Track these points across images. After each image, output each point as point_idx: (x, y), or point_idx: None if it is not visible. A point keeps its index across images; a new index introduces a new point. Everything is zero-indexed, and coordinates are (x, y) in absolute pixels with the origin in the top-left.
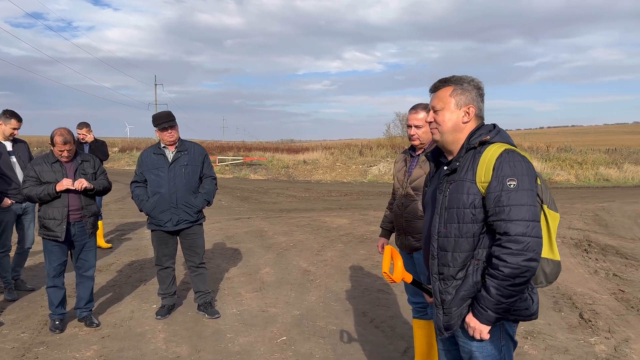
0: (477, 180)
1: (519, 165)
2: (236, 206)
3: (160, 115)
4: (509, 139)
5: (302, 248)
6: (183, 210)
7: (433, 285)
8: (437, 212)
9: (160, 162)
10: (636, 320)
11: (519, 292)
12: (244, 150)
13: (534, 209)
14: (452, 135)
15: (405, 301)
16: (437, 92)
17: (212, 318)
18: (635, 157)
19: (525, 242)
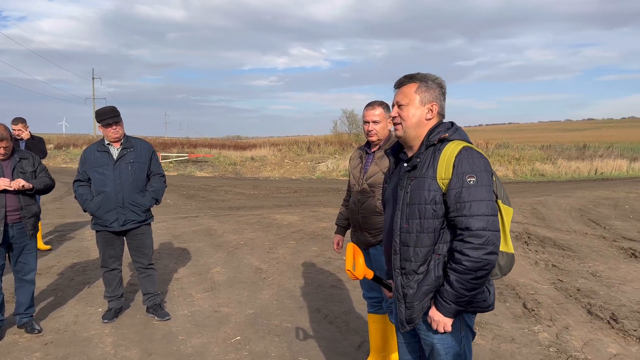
0: (438, 176)
1: (477, 162)
2: (182, 204)
3: (104, 110)
4: (466, 136)
5: (253, 246)
6: (130, 210)
7: (395, 280)
8: (398, 208)
9: (105, 159)
10: (574, 309)
11: (480, 284)
12: (188, 147)
13: (492, 203)
14: (415, 131)
15: (358, 296)
16: (401, 87)
17: (162, 320)
18: (568, 153)
19: (485, 236)
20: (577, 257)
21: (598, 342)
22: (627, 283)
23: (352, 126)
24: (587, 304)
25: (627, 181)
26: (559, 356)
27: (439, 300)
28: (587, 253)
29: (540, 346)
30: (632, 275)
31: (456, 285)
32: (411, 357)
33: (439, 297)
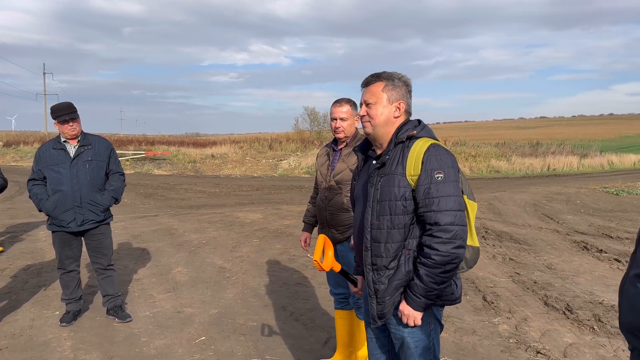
0: (407, 173)
1: (445, 159)
2: (140, 203)
3: (61, 106)
4: (433, 134)
5: (216, 245)
6: (88, 209)
7: (366, 276)
8: (369, 205)
9: (61, 157)
10: (532, 300)
11: (449, 278)
12: (145, 144)
13: (460, 199)
14: (384, 129)
15: (324, 293)
16: (369, 86)
17: (123, 322)
18: (521, 150)
19: (453, 230)
20: (533, 250)
21: (555, 332)
22: (580, 275)
23: (314, 123)
24: (544, 296)
25: (578, 177)
26: (519, 347)
27: (409, 294)
28: (542, 246)
29: (501, 337)
30: (585, 267)
31: (426, 279)
32: (381, 351)
33: (409, 291)
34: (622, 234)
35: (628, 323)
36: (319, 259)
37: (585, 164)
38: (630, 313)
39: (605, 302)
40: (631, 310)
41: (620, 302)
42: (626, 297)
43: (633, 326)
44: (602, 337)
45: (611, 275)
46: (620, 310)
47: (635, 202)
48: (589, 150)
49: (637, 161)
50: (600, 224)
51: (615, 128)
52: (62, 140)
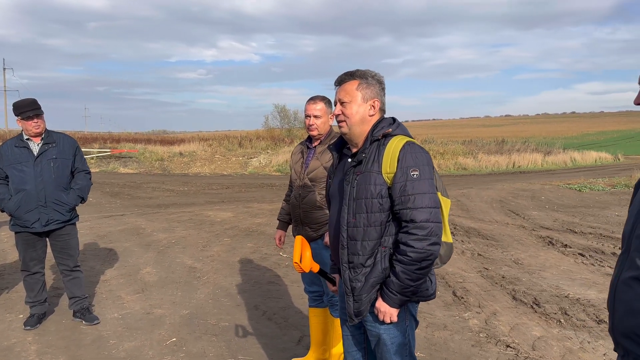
0: (383, 171)
1: (420, 156)
2: (106, 203)
3: (24, 102)
4: (408, 131)
5: (186, 244)
6: (53, 209)
7: (343, 274)
8: (345, 203)
9: (24, 156)
10: (500, 295)
11: (424, 274)
12: (111, 142)
13: (435, 196)
14: (360, 128)
15: (297, 291)
16: (343, 85)
17: (91, 324)
18: (487, 147)
19: (429, 227)
20: (500, 246)
21: (523, 326)
22: (546, 269)
23: (284, 121)
24: (512, 290)
25: (543, 173)
26: (489, 341)
27: (385, 291)
28: (509, 242)
29: (471, 332)
30: (550, 262)
31: (402, 276)
32: (356, 349)
33: (385, 288)
34: (586, 229)
35: (624, 328)
36: (298, 260)
37: (549, 161)
38: (627, 317)
39: (571, 295)
40: (628, 314)
41: (613, 306)
42: (621, 300)
43: (630, 331)
44: (569, 329)
45: (576, 269)
46: (613, 314)
47: (597, 197)
48: (553, 148)
49: (598, 158)
50: (564, 219)
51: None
52: (24, 138)
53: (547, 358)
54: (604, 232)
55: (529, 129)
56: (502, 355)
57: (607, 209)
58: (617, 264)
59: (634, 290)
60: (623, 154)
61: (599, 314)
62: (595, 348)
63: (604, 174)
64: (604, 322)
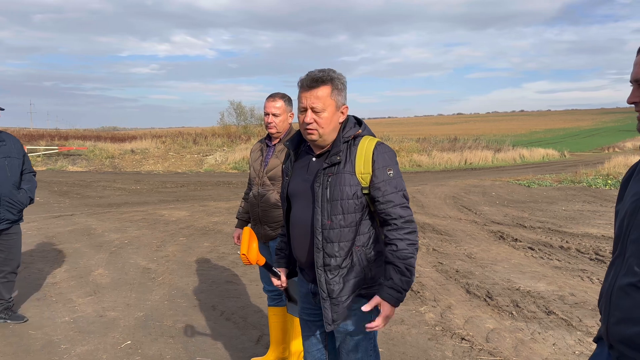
0: (357, 171)
1: (391, 156)
2: (55, 202)
3: None
4: (372, 132)
5: (139, 245)
6: (5, 209)
7: (319, 278)
8: (317, 205)
9: None
10: (455, 289)
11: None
12: (58, 139)
13: (406, 191)
14: (331, 135)
15: (255, 290)
16: (313, 91)
17: (20, 322)
18: (441, 145)
19: (412, 220)
20: (454, 241)
21: (477, 318)
22: (498, 263)
23: (240, 118)
24: (466, 284)
25: (493, 170)
26: (444, 334)
27: (391, 293)
28: (462, 237)
29: (428, 326)
30: (502, 255)
31: (406, 272)
32: (317, 347)
33: (392, 290)
34: (535, 223)
35: (621, 335)
36: (246, 252)
37: (499, 158)
38: (624, 325)
39: (522, 288)
40: (627, 322)
41: (609, 312)
42: (618, 307)
43: (627, 338)
44: (520, 321)
45: (526, 263)
46: (608, 319)
47: (545, 193)
48: (503, 145)
49: (545, 155)
50: (514, 214)
51: (525, 124)
52: None
53: (500, 349)
54: (552, 226)
55: (480, 127)
56: (457, 347)
57: (554, 203)
58: (611, 268)
59: (632, 297)
60: (569, 151)
61: (548, 305)
62: (545, 338)
63: (551, 170)
64: (553, 313)
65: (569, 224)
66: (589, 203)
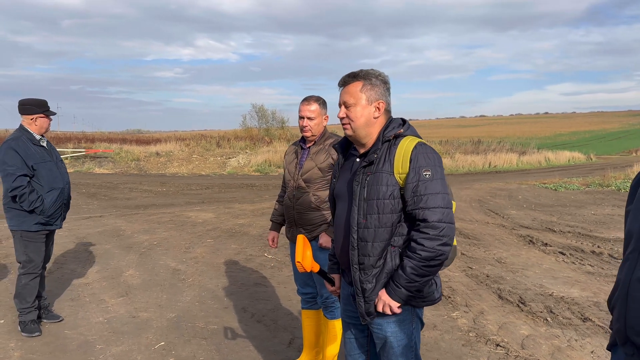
0: (395, 171)
1: (432, 157)
2: (83, 204)
3: (41, 100)
4: (417, 132)
5: (168, 246)
6: (67, 208)
7: (353, 275)
8: (355, 204)
9: (44, 154)
10: (486, 294)
11: (432, 273)
12: (85, 142)
13: (447, 196)
14: (365, 130)
15: (284, 292)
16: (346, 87)
17: (56, 322)
18: (464, 147)
19: (441, 227)
20: (482, 245)
21: (511, 324)
22: (529, 268)
23: (262, 121)
24: (497, 289)
25: (518, 173)
26: (479, 340)
27: (390, 284)
28: (491, 241)
29: (461, 332)
30: (532, 260)
31: (408, 270)
32: (359, 352)
33: (391, 281)
34: (564, 227)
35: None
36: (301, 259)
37: (524, 160)
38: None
39: (555, 294)
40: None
41: (626, 305)
42: (635, 299)
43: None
44: (556, 328)
45: (557, 268)
46: (626, 313)
47: (573, 196)
48: (527, 148)
49: (571, 158)
50: (542, 218)
51: (550, 126)
52: (37, 138)
53: (536, 356)
54: (582, 230)
55: (504, 129)
56: (492, 354)
57: (583, 207)
58: (625, 264)
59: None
60: (595, 154)
61: (583, 312)
62: (582, 346)
63: (578, 174)
64: (589, 320)
65: (599, 228)
66: (619, 207)
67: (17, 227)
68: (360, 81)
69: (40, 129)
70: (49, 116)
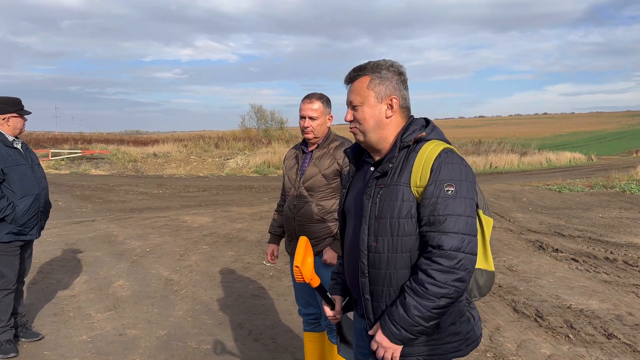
0: (412, 183)
1: (459, 169)
2: (76, 207)
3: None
4: (444, 136)
5: (161, 253)
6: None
7: (365, 307)
8: (364, 222)
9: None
10: (500, 306)
11: (441, 315)
12: (82, 143)
13: (472, 220)
14: (377, 134)
15: (283, 306)
16: (353, 84)
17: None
18: (464, 148)
19: (458, 258)
20: (492, 251)
21: (530, 342)
22: (542, 277)
23: (261, 121)
24: (512, 301)
25: (520, 174)
26: None
27: (386, 321)
28: (500, 247)
29: (477, 352)
30: (544, 268)
31: (412, 311)
32: None
33: (389, 320)
34: (573, 232)
35: None
36: (300, 264)
37: (525, 161)
38: None
39: (573, 306)
40: None
41: None
42: None
43: None
44: (579, 346)
45: (572, 276)
46: None
47: (578, 198)
48: (528, 149)
49: (572, 158)
50: (550, 221)
51: (549, 127)
52: (10, 139)
53: None
54: (592, 235)
55: (503, 130)
56: None
57: (590, 210)
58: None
59: None
60: (596, 155)
61: (606, 327)
62: None
63: (580, 175)
64: (614, 336)
65: (609, 232)
66: (627, 210)
67: None
68: (368, 75)
69: (13, 129)
70: (23, 116)
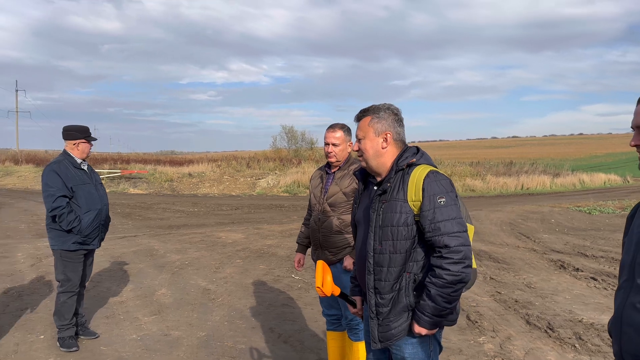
0: (409, 199)
1: (444, 184)
2: (118, 224)
3: (84, 127)
4: (431, 160)
5: (199, 266)
6: (105, 228)
7: (369, 300)
8: (371, 230)
9: (85, 177)
10: (514, 319)
11: (457, 296)
12: (120, 163)
13: (462, 220)
14: (376, 161)
15: (310, 314)
16: (359, 122)
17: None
18: (495, 169)
19: (462, 251)
20: (512, 269)
21: (538, 350)
22: (559, 293)
23: (292, 142)
24: (525, 315)
25: (551, 196)
26: None
27: (419, 316)
28: (521, 265)
29: (487, 357)
30: (563, 286)
31: (438, 299)
32: None
33: (420, 312)
34: (597, 252)
35: (634, 349)
36: (321, 285)
37: (558, 183)
38: (636, 339)
39: (585, 320)
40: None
41: (620, 330)
42: (629, 324)
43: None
44: (584, 355)
45: (588, 293)
46: (621, 337)
47: (608, 220)
48: (561, 170)
49: (607, 180)
50: (575, 242)
51: (585, 148)
52: (78, 162)
53: None
54: (615, 255)
55: (537, 150)
56: None
57: (618, 232)
58: (620, 291)
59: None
60: (632, 176)
61: None
62: None
63: (614, 197)
64: None
65: None
66: None
67: (57, 246)
68: (369, 116)
69: (82, 153)
70: (90, 141)
